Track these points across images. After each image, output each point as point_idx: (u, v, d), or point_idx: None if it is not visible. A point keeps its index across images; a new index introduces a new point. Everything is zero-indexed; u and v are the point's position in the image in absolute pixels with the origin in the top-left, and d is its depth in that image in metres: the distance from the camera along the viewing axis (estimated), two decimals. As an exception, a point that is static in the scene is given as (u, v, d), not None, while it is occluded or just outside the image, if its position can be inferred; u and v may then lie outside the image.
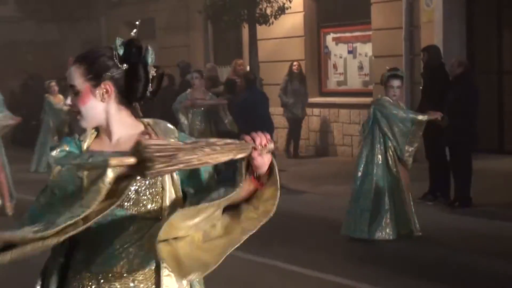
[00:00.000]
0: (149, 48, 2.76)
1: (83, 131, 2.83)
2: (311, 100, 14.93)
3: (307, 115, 14.96)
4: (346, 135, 14.38)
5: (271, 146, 2.53)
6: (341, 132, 14.50)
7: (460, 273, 6.83)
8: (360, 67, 14.55)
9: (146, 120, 2.79)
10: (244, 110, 10.90)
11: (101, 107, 2.71)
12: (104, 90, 2.68)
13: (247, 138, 2.53)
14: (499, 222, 8.65)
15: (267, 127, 11.39)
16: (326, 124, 14.81)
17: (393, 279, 6.67)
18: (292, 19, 14.80)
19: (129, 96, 2.72)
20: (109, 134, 2.75)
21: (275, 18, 13.00)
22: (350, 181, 8.96)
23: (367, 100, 13.73)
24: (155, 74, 2.74)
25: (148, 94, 2.74)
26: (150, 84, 2.72)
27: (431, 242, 7.86)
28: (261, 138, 2.52)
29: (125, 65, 2.69)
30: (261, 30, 13.43)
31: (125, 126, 2.73)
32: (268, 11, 13.16)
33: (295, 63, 14.24)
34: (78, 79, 2.69)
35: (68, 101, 2.75)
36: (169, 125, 2.83)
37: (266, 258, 7.49)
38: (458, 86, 9.48)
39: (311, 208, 10.01)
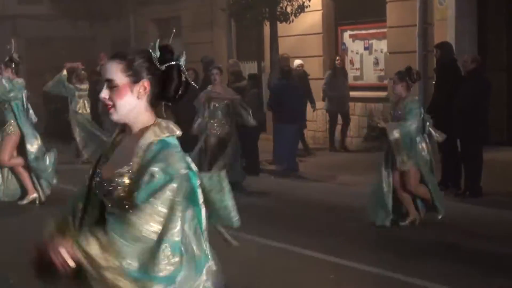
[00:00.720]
0: (183, 52, 2.79)
1: (113, 124, 2.85)
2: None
3: (325, 108, 14.95)
4: (362, 127, 14.34)
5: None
6: (357, 124, 14.46)
7: (475, 257, 6.81)
8: (376, 63, 14.52)
9: (162, 126, 2.77)
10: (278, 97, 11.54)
11: (135, 103, 2.73)
12: (143, 87, 2.72)
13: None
14: (508, 212, 8.60)
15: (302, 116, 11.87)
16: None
17: (405, 264, 6.65)
18: (311, 17, 14.78)
19: (162, 96, 2.76)
20: (130, 129, 2.79)
21: (295, 16, 12.98)
22: (366, 172, 8.93)
23: (382, 94, 13.74)
24: (188, 78, 2.78)
25: (178, 98, 2.78)
26: (182, 87, 2.76)
27: (443, 228, 7.83)
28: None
29: (163, 66, 2.73)
30: (281, 27, 13.41)
31: (142, 125, 2.76)
32: (289, 9, 13.13)
33: (338, 57, 14.10)
34: (118, 74, 2.72)
35: (103, 94, 2.75)
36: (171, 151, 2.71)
37: (283, 243, 7.51)
38: (470, 81, 9.43)
39: (328, 197, 10.01)
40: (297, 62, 13.96)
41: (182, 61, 2.77)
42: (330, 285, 6.27)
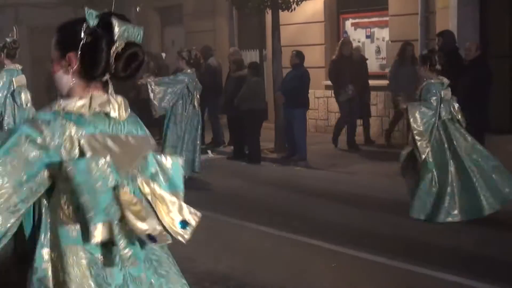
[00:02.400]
0: (123, 23, 2.51)
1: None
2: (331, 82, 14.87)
3: (327, 96, 14.91)
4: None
5: None
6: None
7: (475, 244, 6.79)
8: (378, 51, 14.45)
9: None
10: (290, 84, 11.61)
11: (66, 79, 2.56)
12: (68, 61, 2.52)
13: None
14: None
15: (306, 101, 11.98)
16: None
17: (409, 252, 6.64)
18: (313, 5, 14.71)
19: (89, 70, 2.50)
20: None
21: (297, 4, 12.88)
22: (368, 160, 8.87)
23: (384, 82, 13.66)
24: (120, 51, 2.48)
25: (119, 73, 2.51)
26: (112, 59, 2.47)
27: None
28: None
29: (89, 37, 2.49)
30: (283, 15, 13.32)
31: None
32: (290, -3, 13.05)
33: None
34: (52, 48, 2.59)
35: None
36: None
37: (284, 232, 7.49)
38: (473, 69, 9.39)
39: (332, 185, 9.98)
40: (354, 45, 13.56)
41: (118, 32, 2.47)
42: (332, 273, 6.25)
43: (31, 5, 21.31)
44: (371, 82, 13.83)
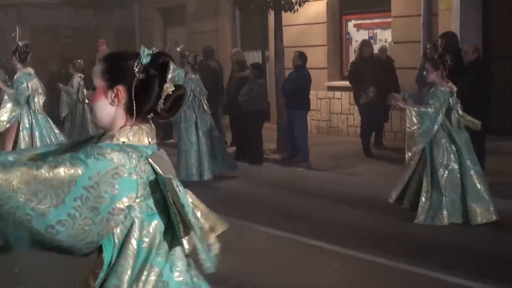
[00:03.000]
0: (176, 68, 2.65)
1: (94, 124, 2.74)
2: (333, 83, 14.91)
3: (329, 97, 14.94)
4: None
5: None
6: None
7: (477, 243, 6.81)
8: (380, 53, 14.44)
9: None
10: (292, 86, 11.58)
11: (109, 110, 2.56)
12: (115, 93, 2.54)
13: None
14: (510, 201, 8.57)
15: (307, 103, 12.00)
16: (347, 106, 14.74)
17: (406, 255, 6.65)
18: (316, 7, 14.73)
19: (138, 106, 2.52)
20: None
21: (300, 5, 12.91)
22: (371, 161, 8.84)
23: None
24: (171, 93, 2.55)
25: (163, 112, 2.57)
26: (161, 100, 2.54)
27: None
28: None
29: (142, 74, 2.52)
30: (286, 16, 13.35)
31: None
32: (293, -2, 13.08)
33: (428, 45, 11.88)
34: (97, 76, 2.58)
35: (87, 94, 2.67)
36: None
37: (286, 232, 7.51)
38: (472, 71, 9.40)
39: (333, 186, 10.00)
40: (380, 46, 13.21)
41: (170, 75, 2.58)
42: (334, 274, 6.26)
43: (34, 6, 21.37)
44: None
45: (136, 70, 2.52)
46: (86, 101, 12.32)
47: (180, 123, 10.60)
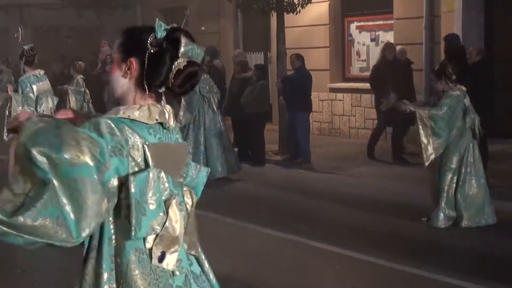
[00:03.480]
0: (190, 43, 2.58)
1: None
2: (335, 85, 14.92)
3: (331, 99, 14.96)
4: (367, 119, 14.33)
5: None
6: (362, 115, 14.45)
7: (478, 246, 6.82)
8: (382, 55, 14.45)
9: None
10: (293, 88, 11.56)
11: (122, 82, 2.60)
12: (128, 66, 2.57)
13: None
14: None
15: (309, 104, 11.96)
16: (349, 108, 14.76)
17: (408, 257, 6.67)
18: (318, 8, 14.75)
19: (148, 79, 2.55)
20: None
21: (302, 7, 12.92)
22: (372, 162, 8.79)
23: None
24: (182, 68, 2.55)
25: (175, 88, 2.57)
26: (172, 74, 2.54)
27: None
28: None
29: (155, 48, 2.55)
30: (288, 18, 13.37)
31: None
32: (296, 0, 13.10)
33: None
34: (114, 49, 2.63)
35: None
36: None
37: (287, 234, 7.52)
38: (475, 73, 9.43)
39: (335, 187, 10.01)
40: (398, 48, 12.36)
41: (182, 48, 2.55)
42: (335, 275, 6.28)
43: (36, 6, 21.39)
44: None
45: (149, 43, 2.55)
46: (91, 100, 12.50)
47: (189, 124, 10.64)
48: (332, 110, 15.04)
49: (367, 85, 14.23)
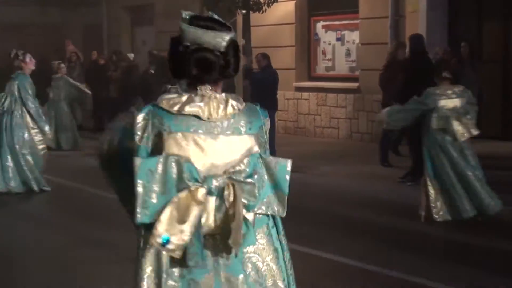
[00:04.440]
0: (193, 28, 3.09)
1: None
2: (301, 84, 14.98)
3: (297, 98, 15.01)
4: (333, 118, 14.41)
5: None
6: (328, 115, 14.52)
7: (457, 249, 6.87)
8: (348, 54, 14.56)
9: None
10: (260, 86, 11.48)
11: None
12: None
13: None
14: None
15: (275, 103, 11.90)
16: (314, 107, 14.82)
17: (394, 255, 6.68)
18: (284, 7, 14.78)
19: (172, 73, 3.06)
20: None
21: (268, 6, 12.96)
22: (338, 161, 8.73)
23: (354, 85, 13.80)
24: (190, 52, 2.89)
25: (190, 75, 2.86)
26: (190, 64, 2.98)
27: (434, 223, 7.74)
28: None
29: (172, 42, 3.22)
30: (254, 17, 13.40)
31: None
32: (262, -1, 13.14)
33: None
34: None
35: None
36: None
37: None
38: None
39: (307, 187, 9.99)
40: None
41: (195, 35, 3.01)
42: (325, 280, 6.12)
43: (0, 3, 21.11)
44: (341, 85, 13.97)
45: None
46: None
47: None
48: (297, 109, 15.08)
49: (332, 84, 14.33)
